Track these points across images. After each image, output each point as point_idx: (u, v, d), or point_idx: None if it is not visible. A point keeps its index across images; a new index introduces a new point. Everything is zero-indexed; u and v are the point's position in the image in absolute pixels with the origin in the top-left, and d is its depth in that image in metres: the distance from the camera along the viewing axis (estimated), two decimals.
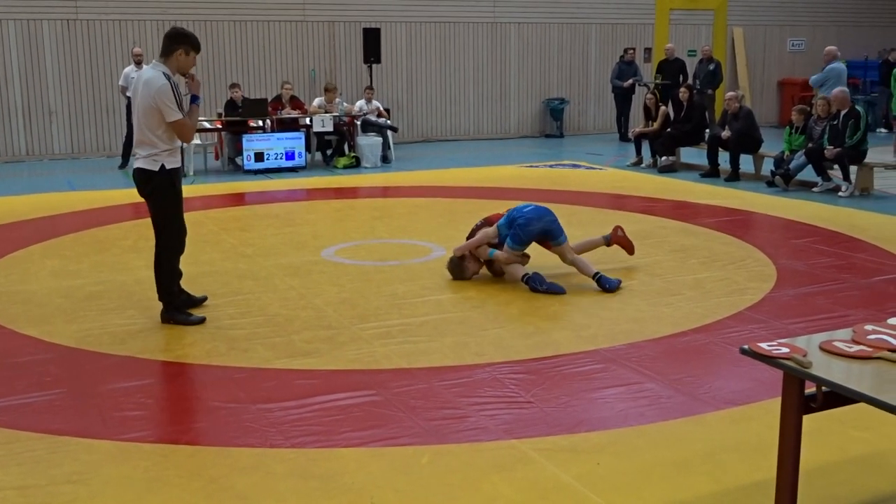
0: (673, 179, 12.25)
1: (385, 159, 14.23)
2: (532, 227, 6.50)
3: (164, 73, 5.48)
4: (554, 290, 6.35)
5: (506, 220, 6.62)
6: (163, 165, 5.54)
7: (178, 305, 5.83)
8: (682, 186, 11.58)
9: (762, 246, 7.91)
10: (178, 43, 5.56)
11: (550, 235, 6.59)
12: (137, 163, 5.61)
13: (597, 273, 6.49)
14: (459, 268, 6.74)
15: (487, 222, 6.82)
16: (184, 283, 5.91)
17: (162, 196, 5.61)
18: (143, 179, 5.58)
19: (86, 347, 5.31)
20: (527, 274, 6.46)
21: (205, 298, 6.16)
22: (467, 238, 6.89)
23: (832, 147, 10.79)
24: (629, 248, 7.22)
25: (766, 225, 9.16)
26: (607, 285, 6.41)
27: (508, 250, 6.52)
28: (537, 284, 6.38)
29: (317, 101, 14.21)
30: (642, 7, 18.73)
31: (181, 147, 5.72)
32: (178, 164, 5.69)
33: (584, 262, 6.63)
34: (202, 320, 5.76)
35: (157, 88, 5.41)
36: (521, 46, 18.18)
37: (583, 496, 3.50)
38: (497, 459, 3.82)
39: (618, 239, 7.20)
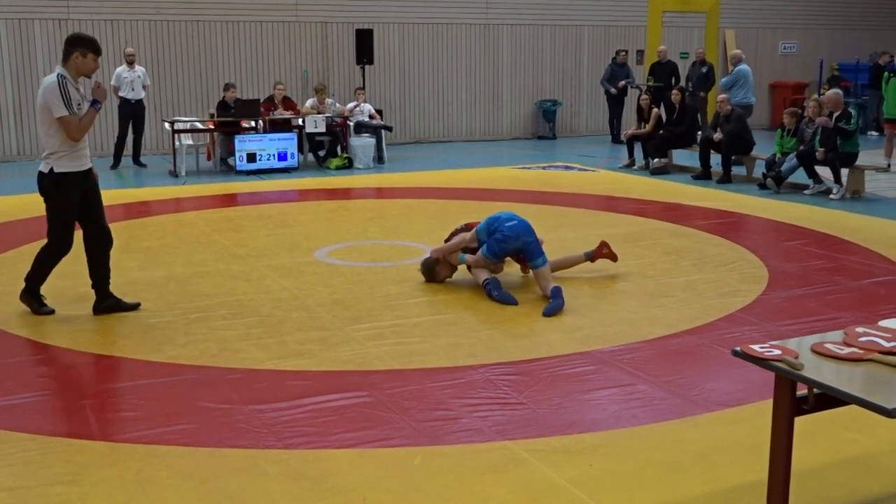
0: (665, 181, 12.28)
1: (379, 159, 14.23)
2: (508, 244, 6.38)
3: (58, 73, 5.59)
4: (505, 299, 6.18)
5: (485, 225, 6.52)
6: (52, 169, 5.61)
7: (108, 307, 5.95)
8: (674, 188, 11.61)
9: (754, 248, 7.93)
10: (74, 46, 5.62)
11: (527, 256, 6.43)
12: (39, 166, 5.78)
13: (553, 288, 6.17)
14: (431, 271, 6.70)
15: (467, 228, 6.77)
16: (175, 285, 5.89)
17: (49, 198, 5.72)
18: (37, 180, 5.73)
19: (77, 348, 5.29)
20: (487, 279, 6.35)
21: (138, 305, 6.08)
22: (445, 241, 6.87)
23: (822, 150, 10.82)
24: (613, 258, 7.05)
25: (758, 227, 9.19)
26: (549, 310, 5.99)
27: (481, 256, 6.45)
28: (491, 290, 6.25)
29: (309, 103, 14.21)
30: (635, 9, 18.76)
31: (85, 151, 5.77)
32: (75, 169, 5.68)
33: (549, 280, 6.33)
34: (51, 311, 5.92)
35: (45, 87, 5.55)
36: (514, 48, 18.19)
37: (575, 497, 3.51)
38: (489, 461, 3.82)
39: (602, 255, 7.01)
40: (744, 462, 3.78)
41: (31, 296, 5.97)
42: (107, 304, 5.97)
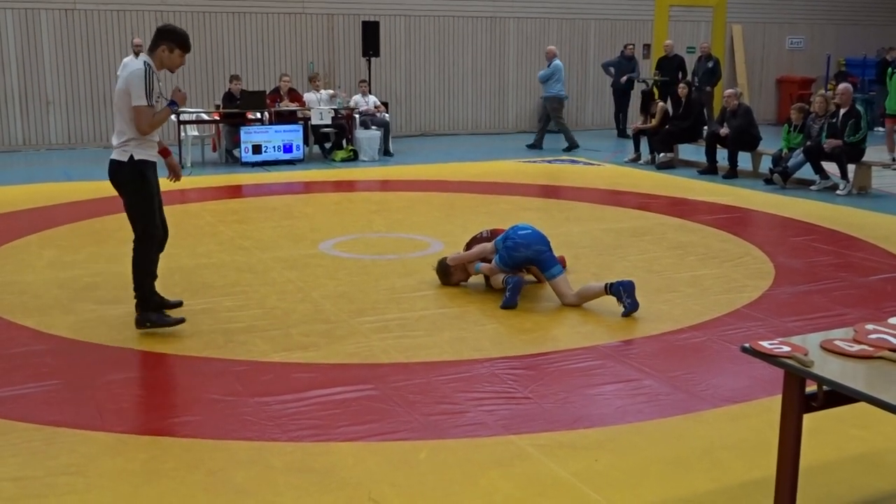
0: (671, 176, 12.24)
1: (386, 152, 14.22)
2: (518, 253, 6.09)
3: (145, 61, 5.30)
4: (508, 300, 5.94)
5: (503, 236, 6.29)
6: (131, 156, 5.32)
7: (153, 307, 5.51)
8: (680, 183, 11.58)
9: (760, 243, 7.90)
10: (161, 39, 5.34)
11: (541, 266, 6.17)
12: (111, 154, 5.47)
13: (607, 284, 5.88)
14: (447, 273, 6.48)
15: (494, 234, 6.53)
16: (181, 276, 5.88)
17: (131, 189, 5.38)
18: (113, 170, 5.44)
19: (83, 338, 5.29)
20: (508, 277, 6.09)
21: (180, 303, 5.81)
22: (467, 244, 6.73)
23: (831, 148, 10.78)
24: None
25: (764, 223, 9.16)
26: (624, 294, 5.78)
27: (495, 266, 6.22)
28: (509, 289, 6.00)
29: (310, 97, 14.14)
30: (641, 3, 18.69)
31: (156, 143, 5.49)
32: (152, 158, 5.42)
33: (587, 287, 6.03)
34: (181, 321, 5.47)
35: (132, 71, 5.27)
36: (520, 41, 18.14)
37: (581, 492, 3.50)
38: (495, 455, 3.81)
39: None
40: (750, 458, 3.77)
41: (145, 315, 5.41)
42: (155, 302, 5.58)
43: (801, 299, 6.24)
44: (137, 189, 5.39)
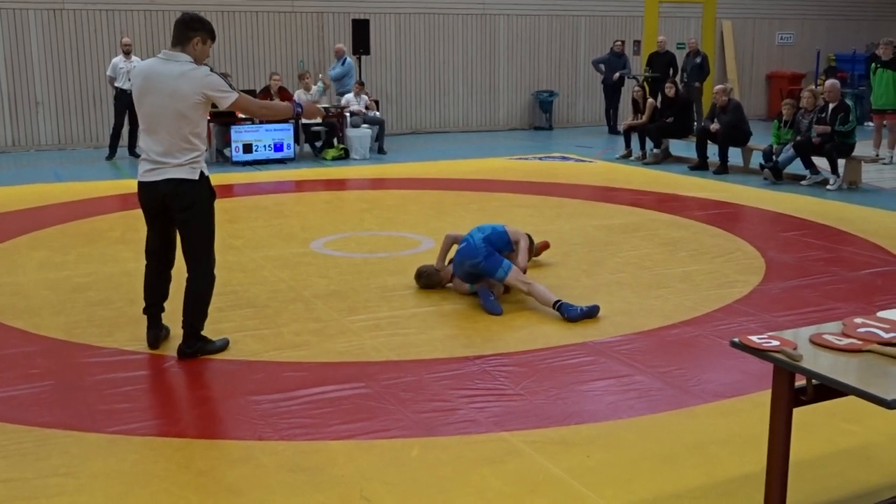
0: (662, 172, 12.26)
1: (380, 150, 14.21)
2: (459, 270, 6.02)
3: (190, 61, 4.70)
4: (490, 308, 5.78)
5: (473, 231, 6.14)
6: (201, 172, 4.77)
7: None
8: (672, 179, 11.59)
9: (751, 239, 7.92)
10: (193, 30, 4.71)
11: (485, 275, 5.90)
12: (166, 173, 4.70)
13: (557, 301, 5.67)
14: (430, 277, 6.29)
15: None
16: (175, 274, 5.80)
17: (205, 210, 4.83)
18: (179, 190, 4.72)
19: (73, 339, 5.28)
20: (477, 289, 6.00)
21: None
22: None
23: (819, 135, 10.81)
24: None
25: (755, 218, 9.18)
26: (567, 314, 5.59)
27: (458, 281, 6.11)
28: (481, 298, 5.91)
29: (301, 96, 14.12)
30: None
31: None
32: None
33: (542, 290, 5.80)
34: (227, 342, 5.15)
35: (205, 77, 4.65)
36: (511, 38, 18.14)
37: (573, 489, 3.50)
38: (487, 452, 3.81)
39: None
40: (741, 453, 3.78)
41: (201, 341, 5.01)
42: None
43: (791, 294, 6.26)
44: (211, 210, 4.88)
